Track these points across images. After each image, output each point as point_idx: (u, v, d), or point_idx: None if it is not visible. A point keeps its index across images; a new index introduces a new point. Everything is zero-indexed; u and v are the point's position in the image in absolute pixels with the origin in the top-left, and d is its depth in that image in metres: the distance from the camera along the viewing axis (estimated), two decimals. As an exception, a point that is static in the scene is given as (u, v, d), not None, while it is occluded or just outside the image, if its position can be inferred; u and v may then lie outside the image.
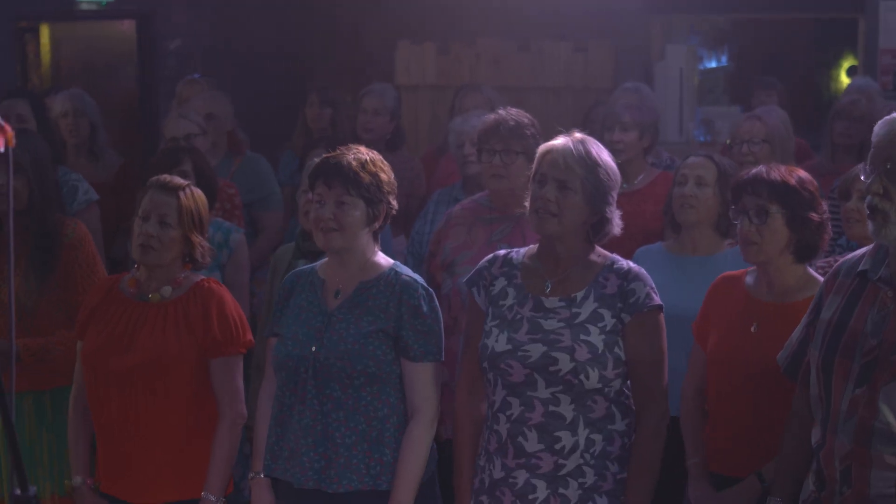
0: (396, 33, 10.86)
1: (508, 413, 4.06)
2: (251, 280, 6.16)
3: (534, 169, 4.16)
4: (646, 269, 4.20)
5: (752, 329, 4.34)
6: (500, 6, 10.53)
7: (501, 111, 5.35)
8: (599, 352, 4.00)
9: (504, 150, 5.20)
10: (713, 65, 11.83)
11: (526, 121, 5.25)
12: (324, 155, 4.36)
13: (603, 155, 4.14)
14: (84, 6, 11.42)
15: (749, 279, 4.46)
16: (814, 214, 4.32)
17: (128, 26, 12.18)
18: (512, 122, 5.22)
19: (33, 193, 5.06)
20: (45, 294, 5.04)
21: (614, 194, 4.15)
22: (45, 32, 12.55)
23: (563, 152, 4.09)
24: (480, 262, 4.30)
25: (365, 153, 4.29)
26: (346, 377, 4.16)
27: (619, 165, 6.09)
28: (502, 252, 4.28)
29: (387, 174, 4.30)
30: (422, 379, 4.22)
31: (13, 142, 2.80)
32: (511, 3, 10.50)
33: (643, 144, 6.28)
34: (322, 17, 12.04)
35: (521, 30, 10.42)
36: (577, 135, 4.16)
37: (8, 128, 2.78)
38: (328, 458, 4.17)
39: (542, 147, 4.18)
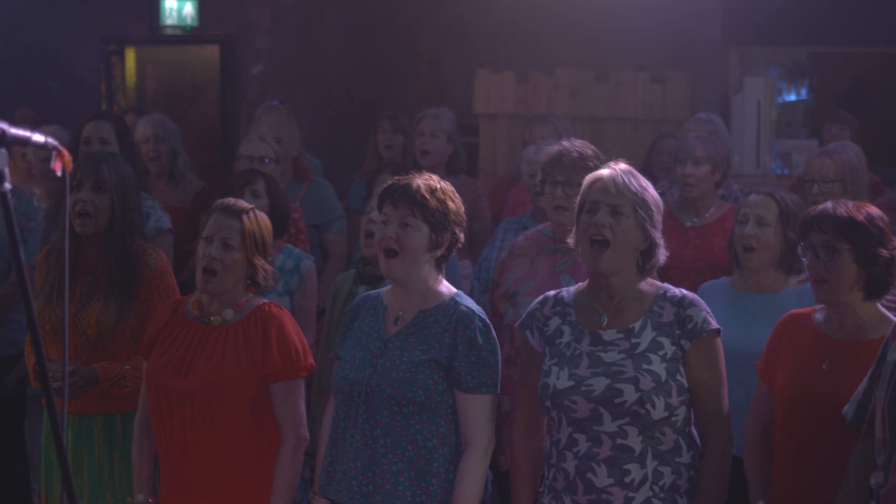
0: (476, 62, 10.89)
1: (575, 450, 4.05)
2: None
3: (580, 200, 4.17)
4: (709, 305, 4.18)
5: (824, 366, 4.29)
6: (579, 36, 10.54)
7: (565, 142, 5.34)
8: (663, 380, 3.99)
9: (567, 181, 5.19)
10: (792, 98, 11.74)
11: (590, 152, 5.24)
12: (395, 178, 4.37)
13: (647, 182, 4.17)
14: (169, 31, 11.57)
15: (818, 316, 4.41)
16: (883, 250, 4.24)
17: (211, 51, 12.32)
18: (575, 154, 5.22)
19: (115, 215, 5.10)
20: (122, 320, 5.07)
21: (660, 219, 4.15)
22: (130, 56, 12.74)
23: (612, 179, 4.11)
24: (531, 305, 4.29)
25: (436, 181, 4.30)
26: (395, 404, 4.16)
27: (689, 200, 6.19)
28: (552, 293, 4.27)
29: (456, 204, 4.30)
30: (474, 410, 4.19)
31: (70, 166, 2.85)
32: (590, 33, 10.51)
33: (714, 178, 6.24)
34: (402, 45, 12.12)
35: (599, 60, 10.42)
36: (622, 165, 4.19)
37: (65, 152, 2.83)
38: (375, 482, 4.17)
39: (589, 177, 4.19)
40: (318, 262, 6.90)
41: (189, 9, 11.52)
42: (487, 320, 4.28)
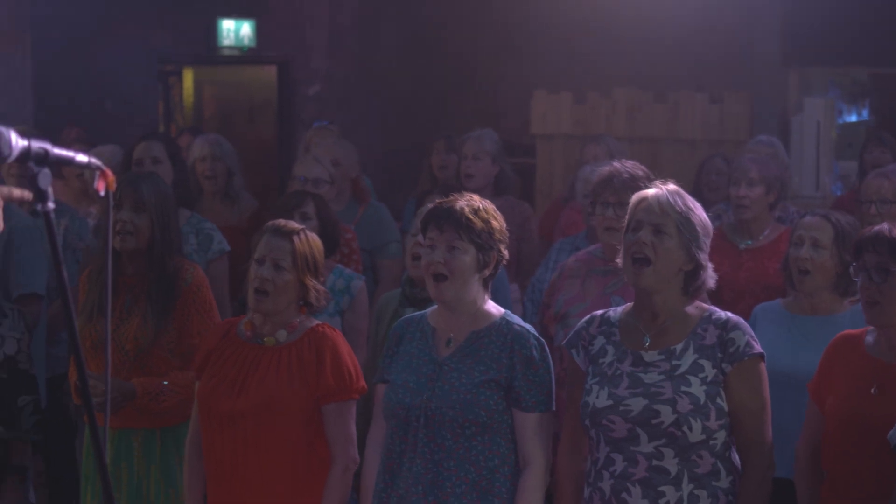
0: (533, 82, 10.88)
1: (612, 469, 4.03)
2: None
3: (627, 219, 4.15)
4: (763, 327, 4.15)
5: (872, 391, 4.23)
6: (637, 56, 10.50)
7: (616, 163, 5.30)
8: (701, 403, 3.96)
9: (617, 202, 5.15)
10: (853, 119, 11.65)
11: (640, 173, 5.20)
12: (436, 201, 4.36)
13: (695, 203, 4.14)
14: (226, 51, 11.63)
15: (869, 338, 4.36)
16: None
17: (269, 72, 12.38)
18: (626, 175, 5.18)
19: (155, 234, 5.13)
20: (161, 336, 5.10)
21: (707, 242, 4.11)
22: (188, 76, 12.83)
23: (657, 198, 4.09)
24: (578, 323, 4.29)
25: (478, 200, 4.30)
26: (457, 426, 4.15)
27: (743, 221, 6.13)
28: (599, 312, 4.26)
29: (498, 222, 4.30)
30: (533, 429, 4.20)
31: (114, 185, 2.85)
32: (648, 53, 10.47)
33: (769, 200, 6.19)
34: (459, 66, 12.13)
35: (657, 80, 10.37)
36: (671, 185, 4.16)
37: (109, 172, 2.83)
38: None
39: (635, 196, 4.18)
40: (370, 285, 6.88)
41: (246, 30, 11.58)
42: (541, 338, 4.29)
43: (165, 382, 5.05)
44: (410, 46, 12.28)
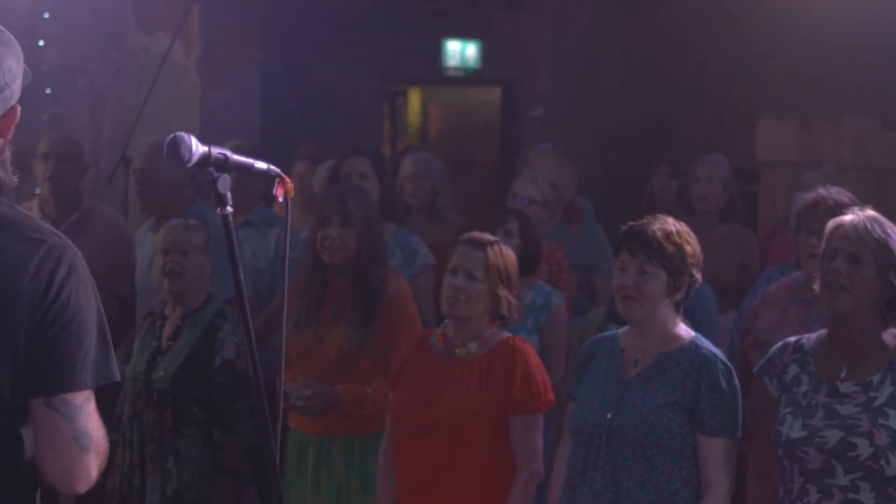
0: (759, 109, 10.73)
1: (806, 500, 3.95)
2: None
3: (823, 246, 4.06)
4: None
5: None
6: (865, 85, 10.25)
7: (821, 190, 5.21)
8: None
9: (821, 229, 5.03)
10: None
11: (846, 200, 5.08)
12: (630, 223, 4.35)
13: (895, 230, 4.01)
14: (451, 72, 11.76)
15: None
16: None
17: (493, 93, 12.46)
18: (831, 202, 5.07)
19: (361, 248, 5.23)
20: (364, 346, 5.20)
21: None
22: (414, 96, 13.00)
23: (853, 226, 3.98)
24: (771, 350, 4.21)
25: (672, 224, 4.27)
26: (639, 447, 4.14)
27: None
28: (792, 339, 4.17)
29: (692, 246, 4.26)
30: (716, 454, 4.15)
31: (292, 193, 2.92)
32: (876, 81, 10.20)
33: None
34: (686, 91, 12.02)
35: (886, 109, 10.10)
36: (869, 211, 4.05)
37: (288, 180, 2.90)
38: None
39: (832, 223, 4.08)
40: (584, 302, 6.89)
41: (472, 51, 11.69)
42: (729, 364, 4.24)
43: (369, 390, 5.15)
44: (635, 69, 12.22)
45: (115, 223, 6.69)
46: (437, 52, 11.57)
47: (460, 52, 11.67)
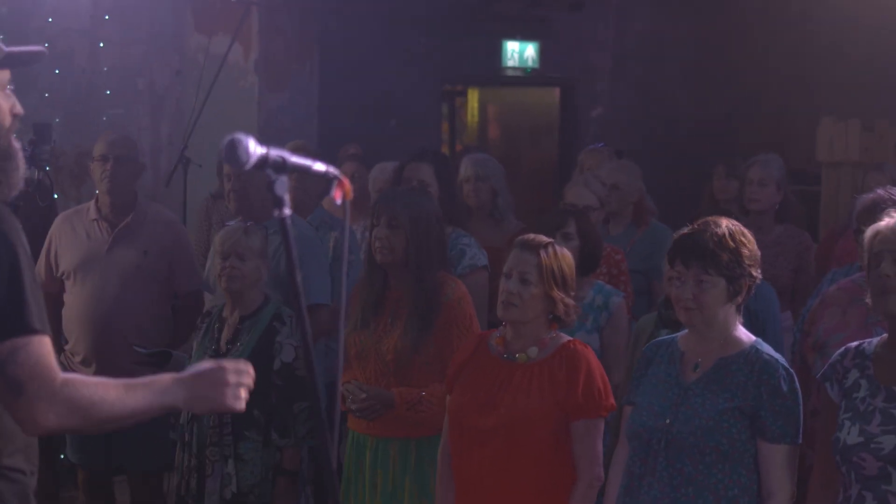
0: (820, 110, 10.64)
1: None
2: None
3: (866, 255, 4.00)
4: None
5: None
6: (930, 83, 10.16)
7: (880, 190, 5.14)
8: None
9: None
10: None
11: None
12: (682, 231, 4.29)
13: None
14: (510, 72, 11.73)
15: None
16: None
17: (552, 93, 12.43)
18: (891, 203, 5.00)
19: (410, 250, 5.22)
20: (421, 349, 5.19)
21: None
22: (472, 96, 12.99)
23: (891, 228, 3.93)
24: (834, 355, 4.15)
25: (724, 226, 4.20)
26: (697, 453, 4.09)
27: None
28: (854, 344, 4.11)
29: (748, 247, 4.20)
30: (778, 461, 4.10)
31: (350, 195, 2.90)
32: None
33: None
34: (745, 92, 11.95)
35: (949, 109, 10.02)
36: None
37: (346, 181, 2.88)
38: None
39: (869, 231, 4.02)
40: (643, 307, 6.83)
41: (531, 51, 11.66)
42: (791, 369, 4.18)
43: (423, 393, 5.14)
44: (694, 70, 12.17)
45: (171, 223, 6.71)
46: (497, 52, 11.56)
47: (519, 52, 11.64)
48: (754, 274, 4.20)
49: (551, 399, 4.52)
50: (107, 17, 9.42)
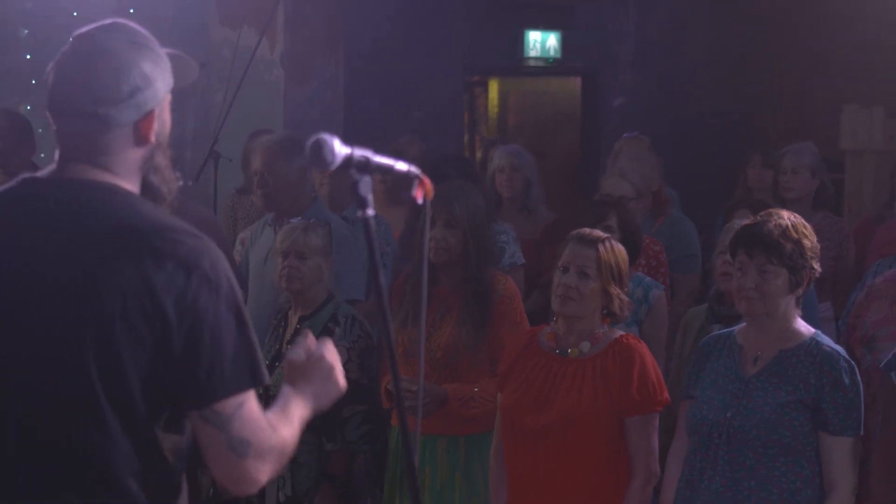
0: (843, 97, 10.59)
1: None
2: None
3: None
4: None
5: None
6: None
7: None
8: None
9: None
10: None
11: None
12: (744, 222, 4.28)
13: None
14: (532, 62, 11.69)
15: None
16: None
17: (574, 83, 12.38)
18: None
19: (468, 249, 5.21)
20: (474, 345, 5.17)
21: None
22: (493, 86, 12.94)
23: None
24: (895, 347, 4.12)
25: (787, 218, 4.20)
26: (760, 446, 4.08)
27: None
28: None
29: (809, 239, 4.20)
30: (840, 453, 4.09)
31: (432, 194, 2.87)
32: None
33: None
34: (767, 79, 11.91)
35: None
36: None
37: (427, 180, 2.86)
38: None
39: None
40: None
41: (553, 41, 11.61)
42: (852, 361, 4.17)
43: (476, 389, 5.12)
44: (716, 60, 12.12)
45: (206, 220, 6.65)
46: (518, 42, 11.50)
47: (541, 42, 11.59)
48: (815, 266, 4.19)
49: (605, 395, 4.49)
50: (132, 11, 9.39)
